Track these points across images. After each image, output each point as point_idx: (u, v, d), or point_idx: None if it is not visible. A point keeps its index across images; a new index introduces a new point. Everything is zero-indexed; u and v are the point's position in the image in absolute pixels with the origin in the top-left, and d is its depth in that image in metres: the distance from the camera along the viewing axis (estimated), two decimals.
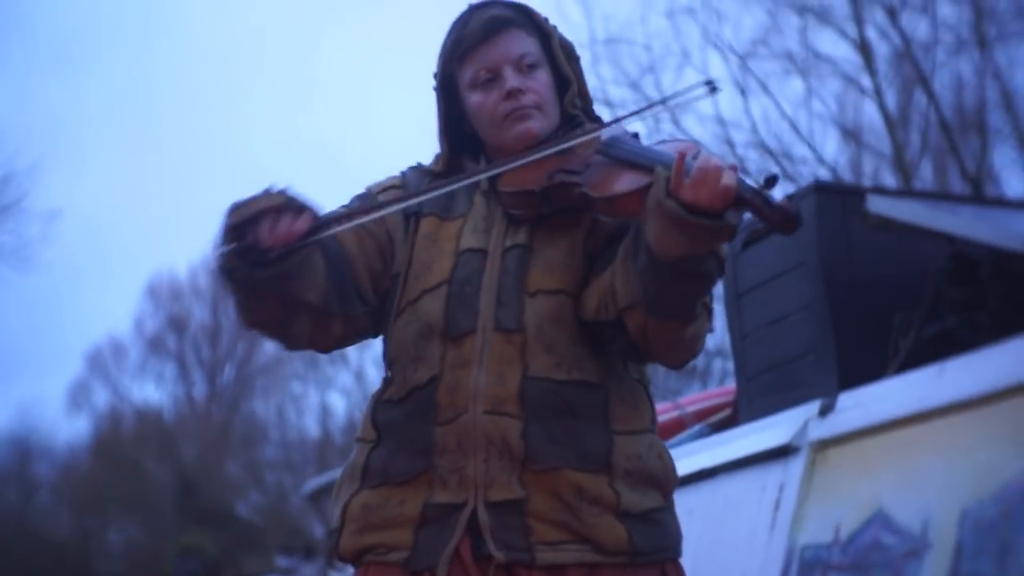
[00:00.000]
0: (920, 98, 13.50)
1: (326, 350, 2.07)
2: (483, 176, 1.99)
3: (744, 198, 1.72)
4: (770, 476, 3.78)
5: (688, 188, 1.72)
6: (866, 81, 13.87)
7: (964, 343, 3.34)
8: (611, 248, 1.93)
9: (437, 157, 2.12)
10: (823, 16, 14.07)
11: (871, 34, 13.43)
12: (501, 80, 2.01)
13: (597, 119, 2.11)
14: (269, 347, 28.57)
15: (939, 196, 5.57)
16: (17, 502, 26.41)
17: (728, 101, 14.40)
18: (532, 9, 2.09)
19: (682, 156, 1.75)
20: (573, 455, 1.90)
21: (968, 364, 3.22)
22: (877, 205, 3.58)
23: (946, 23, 13.23)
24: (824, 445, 3.61)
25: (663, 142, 1.95)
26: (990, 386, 3.11)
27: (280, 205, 1.84)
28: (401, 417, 1.96)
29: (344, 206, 2.04)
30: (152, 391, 28.55)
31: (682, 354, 1.93)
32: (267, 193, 1.86)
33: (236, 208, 1.85)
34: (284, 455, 27.18)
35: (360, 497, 1.98)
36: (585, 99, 2.11)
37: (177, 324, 28.75)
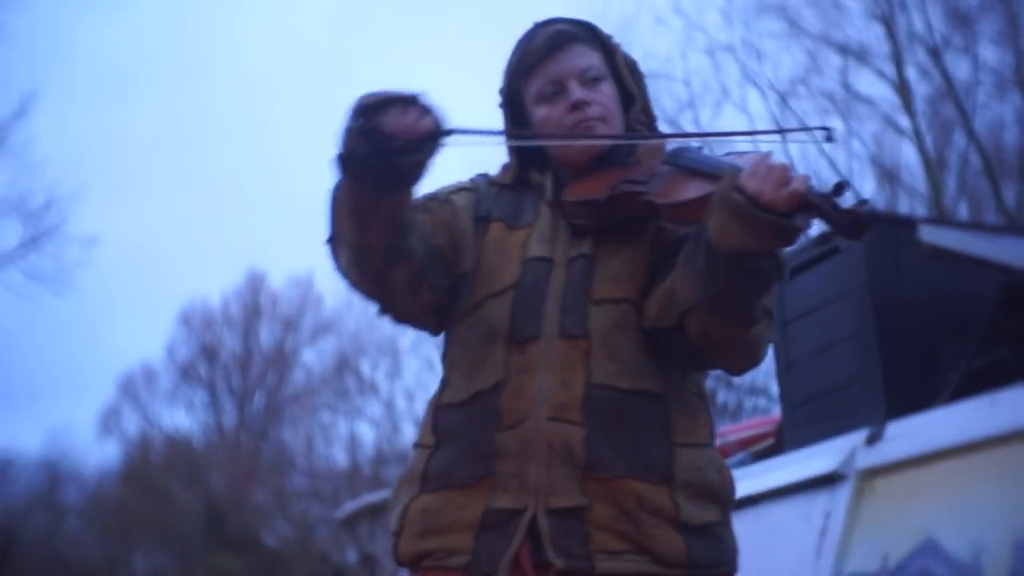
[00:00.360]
0: (959, 140, 13.48)
1: (410, 316, 2.03)
2: (605, 141, 2.01)
3: (812, 202, 1.72)
4: (816, 504, 3.76)
5: (754, 183, 1.73)
6: (904, 122, 13.87)
7: (1016, 374, 3.33)
8: (674, 259, 1.93)
9: (504, 168, 2.15)
10: (862, 56, 14.08)
11: (911, 75, 13.44)
12: (566, 93, 2.02)
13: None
14: (299, 376, 28.71)
15: (991, 228, 5.55)
16: (46, 526, 26.52)
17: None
18: (596, 26, 2.11)
19: (768, 154, 1.77)
20: (635, 464, 1.89)
21: (1021, 395, 3.20)
22: (930, 235, 3.58)
23: (987, 65, 13.23)
24: (872, 473, 3.59)
25: (730, 154, 1.95)
26: None
27: (409, 99, 1.80)
28: (463, 421, 1.96)
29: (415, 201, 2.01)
30: (182, 418, 28.70)
31: (744, 359, 1.92)
32: (399, 89, 1.82)
33: (367, 95, 1.81)
34: (312, 485, 27.18)
35: (420, 501, 1.97)
36: (649, 115, 2.12)
37: (209, 352, 28.91)
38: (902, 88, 13.56)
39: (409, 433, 24.51)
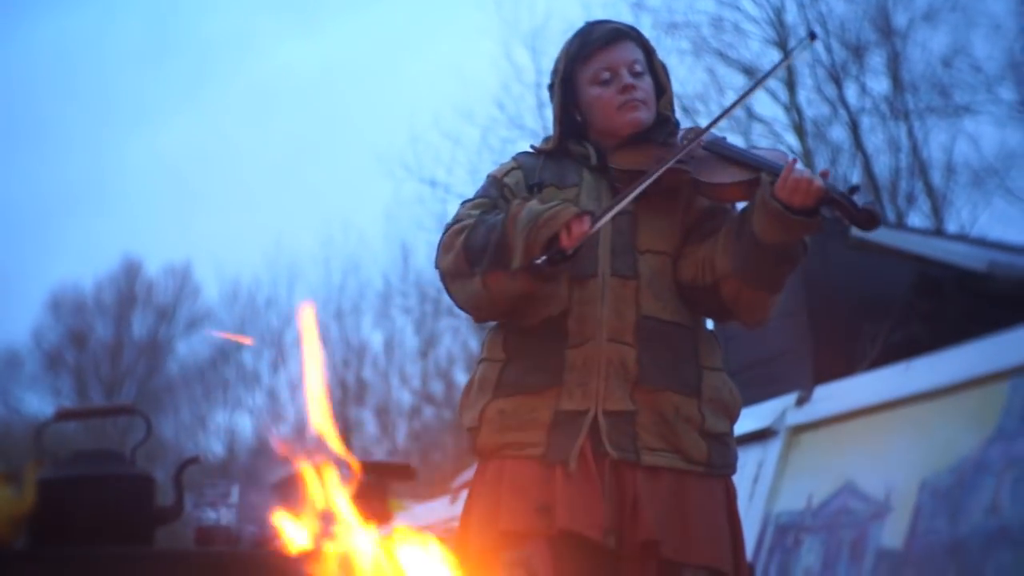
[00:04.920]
0: (843, 161, 14.42)
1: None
2: (634, 194, 2.38)
3: (834, 199, 2.22)
4: (750, 456, 4.33)
5: (787, 191, 2.24)
6: (794, 142, 14.75)
7: (928, 346, 3.96)
8: (703, 225, 2.43)
9: (547, 139, 2.58)
10: (755, 76, 14.92)
11: (802, 99, 14.34)
12: (619, 78, 2.46)
13: (677, 122, 2.57)
14: (172, 367, 28.35)
15: (908, 229, 6.26)
16: None
17: None
18: (639, 30, 2.58)
19: (794, 162, 2.25)
20: (674, 380, 2.37)
21: (931, 362, 3.83)
22: (858, 230, 4.21)
23: (874, 93, 14.22)
24: (800, 429, 4.18)
25: (758, 148, 2.46)
26: (950, 380, 3.72)
27: (573, 216, 2.29)
28: (535, 341, 2.41)
29: (482, 189, 2.51)
30: (48, 405, 27.98)
31: (761, 316, 2.45)
32: (564, 207, 2.31)
33: (546, 221, 2.28)
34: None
35: (495, 404, 2.40)
36: (671, 106, 2.58)
37: (78, 339, 28.37)
38: (796, 109, 14.45)
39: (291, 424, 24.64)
